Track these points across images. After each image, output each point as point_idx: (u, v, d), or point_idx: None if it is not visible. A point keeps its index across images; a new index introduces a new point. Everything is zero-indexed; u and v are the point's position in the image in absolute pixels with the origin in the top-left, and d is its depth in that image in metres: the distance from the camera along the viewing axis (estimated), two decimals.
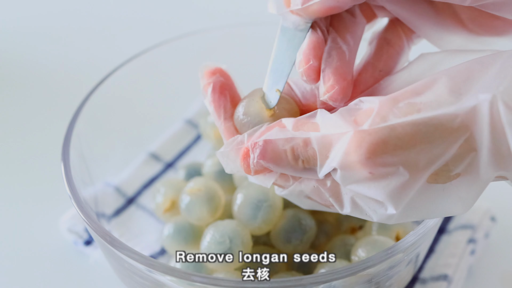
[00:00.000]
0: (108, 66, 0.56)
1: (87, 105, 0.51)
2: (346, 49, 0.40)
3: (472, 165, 0.33)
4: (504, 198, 0.58)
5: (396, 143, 0.32)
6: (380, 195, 0.33)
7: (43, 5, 0.87)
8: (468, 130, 0.32)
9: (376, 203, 0.34)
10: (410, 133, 0.32)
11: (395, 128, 0.32)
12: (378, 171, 0.33)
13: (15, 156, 0.64)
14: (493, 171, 0.33)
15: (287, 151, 0.36)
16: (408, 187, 0.33)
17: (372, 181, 0.33)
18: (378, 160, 0.32)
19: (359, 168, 0.33)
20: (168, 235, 0.50)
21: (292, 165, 0.36)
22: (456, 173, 0.33)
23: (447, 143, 0.32)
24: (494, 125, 0.31)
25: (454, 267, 0.51)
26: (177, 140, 0.63)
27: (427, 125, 0.32)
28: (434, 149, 0.32)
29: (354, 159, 0.33)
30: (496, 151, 0.32)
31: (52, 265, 0.54)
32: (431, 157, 0.32)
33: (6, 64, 0.76)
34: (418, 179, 0.33)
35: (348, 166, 0.33)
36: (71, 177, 0.45)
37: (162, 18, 0.84)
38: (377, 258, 0.38)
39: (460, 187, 0.34)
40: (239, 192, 0.47)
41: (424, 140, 0.32)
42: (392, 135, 0.32)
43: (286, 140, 0.36)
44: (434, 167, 0.33)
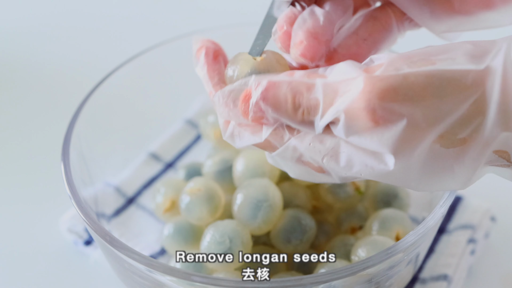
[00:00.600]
0: (108, 66, 0.56)
1: (87, 105, 0.51)
2: (322, 14, 0.39)
3: (479, 128, 0.32)
4: (504, 198, 0.58)
5: (406, 92, 0.31)
6: (382, 146, 0.32)
7: (43, 5, 0.87)
8: (479, 88, 0.31)
9: (375, 158, 0.33)
10: (422, 84, 0.31)
11: (407, 77, 0.31)
12: (384, 120, 0.32)
13: (15, 156, 0.64)
14: (499, 130, 0.32)
15: (288, 98, 0.34)
16: (412, 142, 0.32)
17: (375, 131, 0.32)
18: (386, 108, 0.31)
19: (365, 116, 0.32)
20: (168, 235, 0.50)
21: (291, 113, 0.35)
22: (460, 139, 0.32)
23: (457, 100, 0.31)
24: (506, 81, 0.31)
25: (454, 267, 0.51)
26: (177, 140, 0.63)
27: (440, 78, 0.31)
28: (444, 105, 0.31)
29: (361, 105, 0.32)
30: (505, 107, 0.31)
31: (52, 265, 0.54)
32: (440, 114, 0.31)
33: (6, 64, 0.76)
34: (423, 134, 0.32)
35: (354, 112, 0.32)
36: (71, 177, 0.45)
37: (162, 18, 0.84)
38: (377, 258, 0.38)
39: (463, 153, 0.33)
40: (239, 192, 0.47)
41: (436, 93, 0.31)
42: (403, 83, 0.31)
43: (290, 85, 0.35)
44: (441, 125, 0.32)
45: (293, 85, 0.35)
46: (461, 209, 0.55)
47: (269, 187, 0.47)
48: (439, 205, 0.42)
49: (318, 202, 0.51)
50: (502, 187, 0.58)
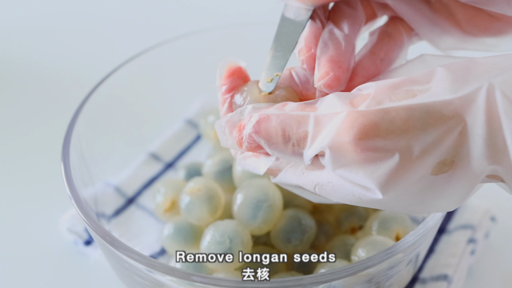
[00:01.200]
0: (108, 66, 0.56)
1: (87, 105, 0.51)
2: (343, 39, 0.40)
3: (465, 159, 0.32)
4: (504, 198, 0.58)
5: (388, 127, 0.32)
6: (368, 181, 0.33)
7: (44, 6, 0.87)
8: (462, 120, 0.31)
9: (364, 189, 0.34)
10: (403, 117, 0.32)
11: (388, 112, 0.32)
12: (368, 155, 0.32)
13: (15, 156, 0.64)
14: (486, 164, 0.32)
15: (278, 131, 0.36)
16: (398, 175, 0.32)
17: (361, 165, 0.33)
18: (370, 142, 0.32)
19: (349, 150, 0.33)
20: (168, 235, 0.50)
21: (281, 146, 0.36)
22: (448, 166, 0.32)
23: (441, 131, 0.31)
24: (490, 115, 0.31)
25: (454, 267, 0.51)
26: (177, 140, 0.63)
27: (421, 111, 0.31)
28: (427, 136, 0.32)
29: (345, 140, 0.32)
30: (491, 142, 0.31)
31: (52, 265, 0.54)
32: (423, 145, 0.32)
33: (6, 64, 0.76)
34: (409, 167, 0.32)
35: (338, 147, 0.33)
36: (71, 177, 0.45)
37: (162, 19, 0.84)
38: (377, 258, 0.38)
39: (452, 181, 0.33)
40: (239, 192, 0.47)
41: (418, 126, 0.32)
42: (385, 118, 0.32)
43: (281, 118, 0.36)
44: (428, 156, 0.32)
45: (284, 118, 0.36)
46: (461, 209, 0.55)
47: (269, 187, 0.47)
48: None
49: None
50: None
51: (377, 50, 0.41)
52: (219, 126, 0.39)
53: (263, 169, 0.40)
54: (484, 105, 0.31)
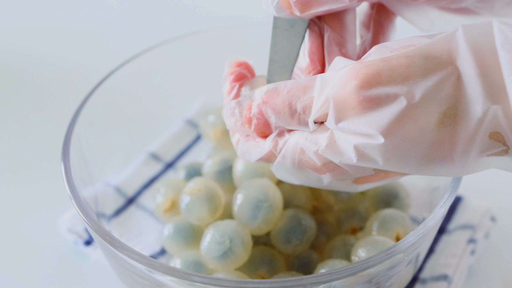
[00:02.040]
0: (108, 66, 0.57)
1: (87, 105, 0.51)
2: (346, 46, 0.41)
3: (466, 108, 0.32)
4: (504, 198, 0.58)
5: (390, 74, 0.33)
6: (370, 128, 0.33)
7: (45, 6, 0.87)
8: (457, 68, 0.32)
9: (366, 137, 0.34)
10: (404, 64, 0.33)
11: (389, 60, 0.33)
12: (371, 103, 0.33)
13: (15, 156, 0.64)
14: (487, 103, 0.32)
15: (286, 101, 0.37)
16: (400, 120, 0.33)
17: (362, 115, 0.33)
18: (372, 90, 0.33)
19: (351, 101, 0.33)
20: (168, 235, 0.50)
21: (288, 116, 0.37)
22: (451, 116, 0.33)
23: (440, 77, 0.32)
24: (478, 52, 0.32)
25: (454, 267, 0.51)
26: (177, 140, 0.63)
27: (420, 57, 0.32)
28: (428, 82, 0.32)
29: (348, 89, 0.33)
30: (487, 79, 0.32)
31: (52, 265, 0.54)
32: (424, 91, 0.32)
33: (6, 64, 0.76)
34: (411, 112, 0.33)
35: (341, 98, 0.34)
36: (71, 177, 0.45)
37: (162, 19, 0.84)
38: (377, 258, 0.38)
39: (455, 136, 0.33)
40: (239, 192, 0.47)
41: (418, 71, 0.32)
42: (386, 66, 0.33)
43: (288, 89, 0.37)
44: (429, 103, 0.32)
45: (291, 86, 0.37)
46: (461, 209, 0.55)
47: (269, 187, 0.47)
48: (439, 205, 0.42)
49: (318, 202, 0.51)
50: (502, 187, 0.58)
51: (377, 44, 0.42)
52: (228, 108, 0.41)
53: (267, 144, 0.40)
54: (466, 43, 0.32)
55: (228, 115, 0.41)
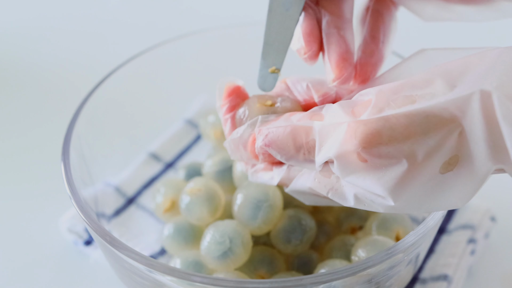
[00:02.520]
0: (108, 66, 0.56)
1: (87, 105, 0.51)
2: (344, 30, 0.40)
3: (469, 158, 0.32)
4: (504, 198, 0.58)
5: (391, 134, 0.32)
6: (376, 187, 0.33)
7: (45, 6, 0.87)
8: (460, 124, 0.32)
9: (375, 195, 0.34)
10: (404, 124, 0.32)
11: (389, 119, 0.32)
12: (373, 162, 0.33)
13: (15, 156, 0.64)
14: (491, 164, 0.32)
15: (289, 141, 0.37)
16: (406, 179, 0.33)
17: (367, 172, 0.33)
18: (374, 150, 0.33)
19: (354, 158, 0.33)
20: (168, 235, 0.50)
21: (294, 155, 0.37)
22: (453, 164, 0.33)
23: (441, 135, 0.32)
24: (488, 118, 0.31)
25: (454, 267, 0.51)
26: (177, 140, 0.63)
27: (420, 116, 0.32)
28: (429, 140, 0.32)
29: (349, 149, 0.33)
30: (493, 144, 0.31)
31: (52, 265, 0.54)
32: (426, 149, 0.32)
33: (6, 64, 0.76)
34: (415, 170, 0.33)
35: (343, 156, 0.34)
36: (71, 177, 0.45)
37: (163, 19, 0.84)
38: (377, 258, 0.38)
39: (459, 178, 0.33)
40: (239, 192, 0.47)
41: (419, 131, 0.32)
42: (386, 125, 0.32)
43: (290, 129, 0.37)
44: (431, 159, 0.32)
45: (292, 129, 0.37)
46: (461, 209, 0.55)
47: (269, 187, 0.47)
48: None
49: None
50: (502, 187, 0.58)
51: (376, 33, 0.42)
52: (231, 142, 0.41)
53: (276, 180, 0.41)
54: (479, 108, 0.31)
55: (233, 150, 0.41)
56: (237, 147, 0.41)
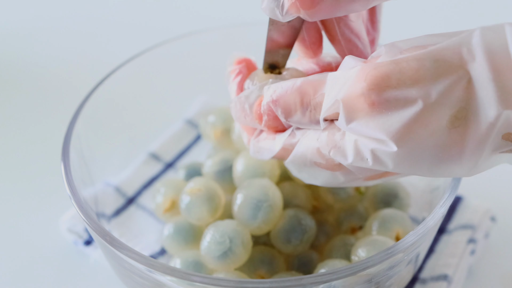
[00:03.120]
0: (108, 67, 0.56)
1: (87, 105, 0.51)
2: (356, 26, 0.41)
3: (477, 110, 0.32)
4: (504, 198, 0.58)
5: (399, 77, 0.32)
6: (380, 133, 0.33)
7: (44, 7, 0.87)
8: (468, 72, 0.31)
9: (378, 143, 0.34)
10: (414, 67, 0.32)
11: (399, 63, 0.32)
12: (380, 106, 0.32)
13: (15, 156, 0.64)
14: (500, 108, 0.32)
15: (296, 98, 0.36)
16: (411, 125, 0.32)
17: (372, 117, 0.33)
18: (381, 93, 0.32)
19: (361, 102, 0.33)
20: (168, 235, 0.50)
21: (299, 114, 0.37)
22: (461, 119, 0.32)
23: (450, 80, 0.32)
24: (492, 56, 0.31)
25: (454, 267, 0.51)
26: (177, 140, 0.63)
27: (430, 60, 0.32)
28: (438, 85, 0.32)
29: (357, 91, 0.33)
30: (500, 84, 0.31)
31: (52, 265, 0.54)
32: (435, 95, 0.32)
33: (6, 65, 0.76)
34: (422, 117, 0.32)
35: (351, 99, 0.33)
36: (71, 177, 0.45)
37: (163, 19, 0.84)
38: (377, 258, 0.38)
39: (466, 136, 0.33)
40: (239, 192, 0.47)
41: (428, 75, 0.32)
42: (396, 69, 0.32)
43: (297, 85, 0.37)
44: (439, 106, 0.32)
45: (301, 84, 0.37)
46: (461, 209, 0.55)
47: (269, 187, 0.47)
48: (439, 205, 0.42)
49: (318, 202, 0.51)
50: (502, 187, 0.58)
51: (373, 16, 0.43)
52: (236, 103, 0.40)
53: (278, 146, 0.40)
54: (481, 47, 0.31)
55: (238, 110, 0.41)
56: (242, 108, 0.40)
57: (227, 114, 0.55)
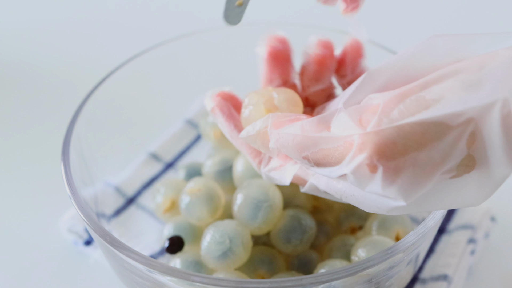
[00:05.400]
0: (108, 67, 0.56)
1: (87, 105, 0.51)
2: None
3: (485, 161, 0.32)
4: (504, 198, 0.58)
5: (405, 142, 0.32)
6: (393, 193, 0.33)
7: (44, 7, 0.87)
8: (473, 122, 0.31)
9: (387, 199, 0.34)
10: (419, 132, 0.32)
11: (403, 128, 0.32)
12: (390, 171, 0.32)
13: (15, 156, 0.64)
14: (509, 170, 0.32)
15: (296, 150, 0.37)
16: (420, 184, 0.33)
17: (384, 182, 0.33)
18: (389, 160, 0.32)
19: (370, 171, 0.33)
20: (168, 235, 0.50)
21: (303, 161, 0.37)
22: (471, 167, 0.32)
23: (455, 136, 0.31)
24: (507, 126, 0.30)
25: (454, 267, 0.51)
26: (177, 140, 0.63)
27: (436, 124, 0.31)
28: (444, 144, 0.32)
29: (363, 162, 0.33)
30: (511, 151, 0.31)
31: (52, 265, 0.54)
32: (442, 153, 0.32)
33: (7, 65, 0.76)
34: (430, 175, 0.32)
35: (359, 170, 0.33)
36: (71, 177, 0.45)
37: (162, 19, 0.84)
38: (377, 258, 0.38)
39: (474, 181, 0.33)
40: (239, 192, 0.47)
41: (435, 137, 0.31)
42: (400, 134, 0.32)
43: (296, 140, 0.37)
44: (446, 162, 0.32)
45: (300, 140, 0.37)
46: (461, 209, 0.55)
47: (269, 187, 0.47)
48: None
49: (318, 202, 0.51)
50: (502, 187, 0.57)
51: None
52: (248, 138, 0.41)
53: (288, 178, 0.41)
54: (499, 118, 0.30)
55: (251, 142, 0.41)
56: (254, 141, 0.41)
57: None
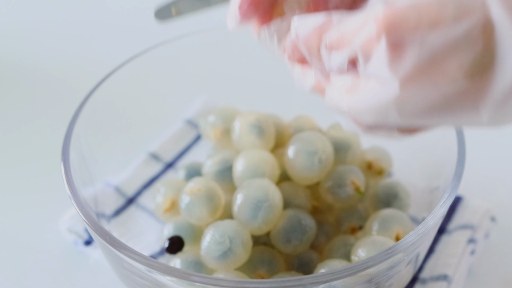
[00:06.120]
0: (108, 67, 0.56)
1: (87, 105, 0.51)
2: None
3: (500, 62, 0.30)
4: (504, 198, 0.58)
5: (420, 20, 0.31)
6: (391, 73, 0.32)
7: (44, 8, 0.87)
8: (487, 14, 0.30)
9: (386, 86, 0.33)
10: (435, 9, 0.31)
11: (419, 6, 0.31)
12: (396, 48, 0.32)
13: (15, 156, 0.64)
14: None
15: (317, 34, 0.36)
16: (423, 68, 0.31)
17: (387, 58, 0.32)
18: (399, 37, 0.31)
19: (377, 45, 0.32)
20: (168, 235, 0.50)
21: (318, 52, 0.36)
22: (481, 69, 0.31)
23: (470, 24, 0.30)
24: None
25: (454, 267, 0.51)
26: (177, 140, 0.63)
27: (452, 4, 0.31)
28: (457, 29, 0.31)
29: (374, 34, 0.32)
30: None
31: (52, 265, 0.54)
32: (455, 37, 0.31)
33: (7, 65, 0.76)
34: (439, 60, 0.31)
35: (368, 42, 0.32)
36: (71, 177, 0.45)
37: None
38: (377, 258, 0.38)
39: (485, 84, 0.31)
40: (239, 192, 0.47)
41: (451, 17, 0.31)
42: (415, 12, 0.31)
43: (317, 21, 0.36)
44: (458, 51, 0.31)
45: (323, 26, 0.36)
46: (461, 209, 0.55)
47: (269, 187, 0.47)
48: (439, 205, 0.42)
49: (318, 202, 0.51)
50: (502, 187, 0.58)
51: None
52: (267, 34, 0.40)
53: (308, 86, 0.39)
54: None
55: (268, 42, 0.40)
56: (272, 39, 0.40)
57: (227, 114, 0.55)
